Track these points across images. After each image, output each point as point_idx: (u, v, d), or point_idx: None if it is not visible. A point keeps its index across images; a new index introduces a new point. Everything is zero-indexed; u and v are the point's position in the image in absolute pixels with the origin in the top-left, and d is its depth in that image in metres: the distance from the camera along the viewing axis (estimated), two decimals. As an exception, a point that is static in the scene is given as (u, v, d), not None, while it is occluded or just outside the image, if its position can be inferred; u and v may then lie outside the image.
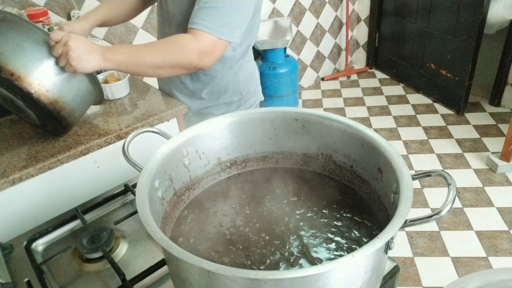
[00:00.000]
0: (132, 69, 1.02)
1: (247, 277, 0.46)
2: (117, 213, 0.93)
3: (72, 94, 1.03)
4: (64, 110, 1.03)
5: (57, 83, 0.99)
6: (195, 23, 1.02)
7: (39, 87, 0.96)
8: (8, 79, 0.92)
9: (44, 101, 0.98)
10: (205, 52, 1.04)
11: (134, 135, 0.74)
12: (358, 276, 0.53)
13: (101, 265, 0.79)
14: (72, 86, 1.02)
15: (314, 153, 0.82)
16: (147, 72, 1.05)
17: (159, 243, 0.51)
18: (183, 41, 1.02)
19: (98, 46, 0.99)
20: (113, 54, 0.98)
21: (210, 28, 1.01)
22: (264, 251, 0.66)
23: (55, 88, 0.98)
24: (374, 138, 0.69)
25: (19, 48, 0.93)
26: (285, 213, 0.74)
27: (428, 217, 0.53)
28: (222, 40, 1.04)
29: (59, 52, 0.94)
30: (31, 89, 0.95)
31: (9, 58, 0.92)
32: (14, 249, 0.85)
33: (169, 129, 1.28)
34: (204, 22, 1.01)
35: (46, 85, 0.97)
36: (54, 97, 0.99)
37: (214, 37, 1.02)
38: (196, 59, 1.03)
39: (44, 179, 1.07)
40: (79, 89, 1.05)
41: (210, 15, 1.01)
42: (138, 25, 2.33)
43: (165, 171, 0.69)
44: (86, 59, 0.95)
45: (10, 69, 0.92)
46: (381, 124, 2.92)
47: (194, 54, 1.03)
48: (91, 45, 0.97)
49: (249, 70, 1.31)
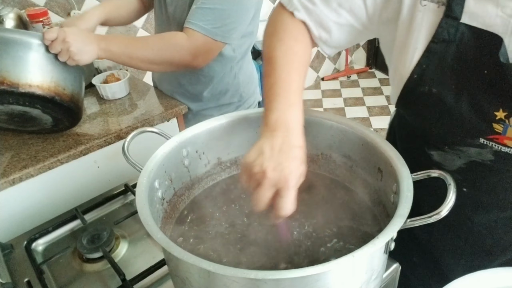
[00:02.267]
0: (124, 60, 1.03)
1: (247, 277, 0.46)
2: (117, 213, 0.93)
3: (77, 84, 1.05)
4: (79, 101, 1.06)
5: (66, 78, 1.00)
6: (190, 22, 1.02)
7: (57, 88, 0.97)
8: (27, 92, 0.92)
9: (66, 100, 1.00)
10: (198, 53, 1.04)
11: (134, 135, 0.74)
12: (358, 276, 0.53)
13: (101, 265, 0.79)
14: (75, 75, 1.04)
15: (314, 153, 0.82)
16: (139, 65, 1.05)
17: (159, 243, 0.51)
18: (176, 39, 1.02)
19: (93, 36, 0.99)
20: (107, 44, 0.99)
21: (204, 29, 1.01)
22: (264, 251, 0.66)
23: (67, 83, 1.00)
24: (374, 138, 0.69)
25: (20, 60, 0.92)
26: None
27: (428, 217, 0.53)
28: (217, 41, 1.04)
29: (58, 49, 0.94)
30: (51, 93, 0.96)
31: (18, 73, 0.91)
32: (14, 249, 0.85)
33: (169, 129, 1.28)
34: (199, 23, 1.01)
35: (61, 84, 0.99)
36: (70, 92, 1.01)
37: (208, 38, 1.02)
38: (188, 58, 1.03)
39: (44, 179, 1.07)
40: (78, 75, 1.06)
41: (206, 16, 1.01)
42: (138, 25, 2.33)
43: (165, 171, 0.69)
44: (86, 50, 0.96)
45: (25, 82, 0.92)
46: (381, 124, 2.92)
47: (187, 54, 1.02)
48: (87, 35, 0.98)
49: (248, 72, 1.31)
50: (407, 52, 0.60)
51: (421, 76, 0.59)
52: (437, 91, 0.59)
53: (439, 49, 0.57)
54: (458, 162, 0.66)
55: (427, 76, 0.59)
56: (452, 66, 0.57)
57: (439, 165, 0.68)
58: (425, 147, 0.69)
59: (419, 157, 0.70)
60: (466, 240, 0.74)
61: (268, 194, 0.52)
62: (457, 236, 0.75)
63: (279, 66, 0.63)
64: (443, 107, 0.59)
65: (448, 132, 0.62)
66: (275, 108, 0.58)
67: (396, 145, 0.80)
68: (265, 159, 0.53)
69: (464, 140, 0.61)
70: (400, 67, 0.62)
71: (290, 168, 0.53)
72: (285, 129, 0.56)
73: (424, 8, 0.57)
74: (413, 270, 0.82)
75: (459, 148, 0.63)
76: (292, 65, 0.64)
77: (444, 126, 0.62)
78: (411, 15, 0.59)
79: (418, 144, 0.71)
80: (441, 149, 0.67)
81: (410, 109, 0.67)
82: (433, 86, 0.59)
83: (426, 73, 0.59)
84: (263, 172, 0.52)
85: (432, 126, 0.63)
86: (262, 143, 0.55)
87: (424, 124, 0.66)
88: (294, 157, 0.54)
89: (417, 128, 0.70)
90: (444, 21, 0.55)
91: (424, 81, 0.59)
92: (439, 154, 0.67)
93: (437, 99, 0.59)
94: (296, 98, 0.60)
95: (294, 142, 0.56)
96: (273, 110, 0.58)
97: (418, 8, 0.57)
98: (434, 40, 0.57)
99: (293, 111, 0.58)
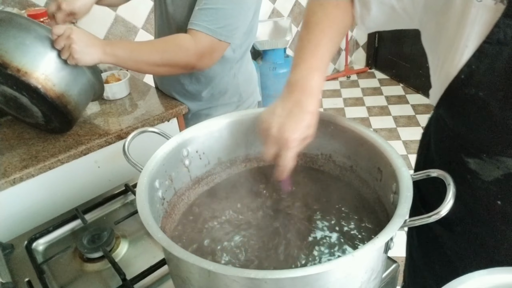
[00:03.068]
0: (130, 65, 1.03)
1: (247, 276, 0.46)
2: (117, 213, 0.93)
3: (77, 88, 1.04)
4: (70, 104, 1.04)
5: (63, 77, 1.00)
6: (194, 24, 1.02)
7: (46, 82, 0.97)
8: (14, 75, 0.93)
9: (52, 95, 0.99)
10: (204, 53, 1.04)
11: (134, 135, 0.74)
12: (357, 276, 0.53)
13: (101, 265, 0.79)
14: (77, 80, 1.04)
15: (314, 153, 0.82)
16: (145, 69, 1.06)
17: (159, 243, 0.51)
18: (181, 41, 1.03)
19: (99, 40, 0.99)
20: (112, 48, 0.99)
21: (209, 30, 1.01)
22: (264, 251, 0.66)
23: (61, 82, 1.00)
24: (374, 138, 0.69)
25: (22, 45, 0.94)
26: (285, 212, 0.74)
27: (427, 217, 0.53)
28: (222, 41, 1.04)
29: (62, 45, 0.95)
30: (38, 84, 0.96)
31: (13, 55, 0.93)
32: (14, 248, 0.85)
33: (169, 129, 1.28)
34: (203, 23, 1.01)
35: (52, 79, 0.98)
36: (61, 91, 1.00)
37: (213, 39, 1.02)
38: (194, 60, 1.03)
39: (44, 179, 1.07)
40: (83, 83, 1.06)
41: (210, 16, 1.01)
42: (139, 25, 2.33)
43: (165, 171, 0.69)
44: (88, 52, 0.96)
45: (15, 65, 0.93)
46: (381, 124, 2.93)
47: (192, 55, 1.03)
48: (93, 38, 0.98)
49: (248, 71, 1.31)
50: (456, 49, 0.56)
51: (469, 77, 0.55)
52: (484, 95, 0.55)
53: (492, 51, 0.52)
54: (495, 173, 0.62)
55: (475, 78, 0.55)
56: (505, 71, 0.52)
57: (475, 174, 0.64)
58: (462, 154, 0.65)
59: (453, 163, 0.66)
60: (493, 254, 0.70)
61: (271, 150, 0.58)
62: (483, 248, 0.71)
63: (313, 30, 0.65)
64: (487, 113, 0.56)
65: (489, 140, 0.59)
66: (298, 71, 0.61)
67: (430, 149, 0.77)
68: (274, 118, 0.58)
69: (506, 150, 0.58)
70: (447, 65, 0.58)
71: (293, 130, 0.57)
72: (301, 92, 0.59)
73: (480, 4, 0.51)
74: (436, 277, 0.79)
75: (498, 158, 0.60)
76: (326, 30, 0.64)
77: (485, 133, 0.58)
78: (463, 10, 0.53)
79: (454, 150, 0.67)
80: (479, 157, 0.63)
81: (451, 111, 0.63)
82: (480, 90, 0.55)
83: (475, 75, 0.55)
84: (269, 129, 0.57)
85: (473, 132, 0.60)
86: (278, 102, 0.59)
87: (465, 129, 0.62)
88: (301, 120, 0.57)
89: (456, 132, 0.66)
90: (502, 21, 0.50)
91: (472, 83, 0.55)
92: (476, 162, 0.63)
93: (482, 104, 0.55)
94: (320, 63, 0.62)
95: (307, 106, 0.58)
96: (296, 72, 0.61)
97: (472, 4, 0.52)
98: (488, 41, 0.52)
99: (314, 76, 0.60)
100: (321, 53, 0.63)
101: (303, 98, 0.59)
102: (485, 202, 0.65)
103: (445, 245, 0.76)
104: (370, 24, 0.68)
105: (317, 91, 0.60)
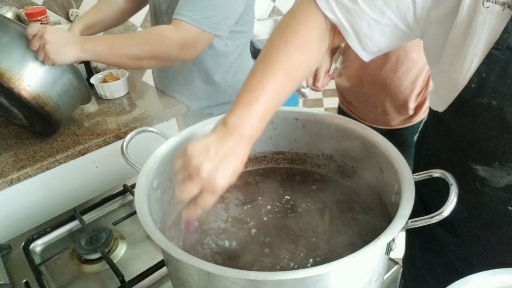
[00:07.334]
0: (111, 60, 1.00)
1: (247, 278, 0.46)
2: (115, 214, 0.93)
3: (55, 89, 1.02)
4: (48, 105, 1.02)
5: (38, 77, 0.98)
6: (178, 13, 1.00)
7: (19, 82, 0.95)
8: None
9: (26, 96, 0.97)
10: (187, 44, 1.01)
11: (133, 135, 0.73)
12: (359, 277, 0.53)
13: (99, 266, 0.79)
14: (55, 80, 1.01)
15: (315, 153, 0.81)
16: (127, 63, 1.02)
17: (158, 244, 0.51)
18: (164, 31, 1.00)
19: (75, 37, 0.97)
20: (91, 44, 0.96)
21: (193, 19, 0.99)
22: (263, 252, 0.66)
23: (36, 82, 0.97)
24: (375, 138, 0.69)
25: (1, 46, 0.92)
26: (286, 213, 0.73)
27: (430, 218, 0.52)
28: (206, 32, 1.02)
29: (37, 46, 0.93)
30: (11, 84, 0.94)
31: None
32: (12, 249, 0.84)
33: (168, 128, 1.27)
34: (187, 13, 0.99)
35: (26, 80, 0.96)
36: (36, 92, 0.98)
37: (197, 29, 1.00)
38: (176, 50, 1.01)
39: (42, 179, 1.07)
40: (62, 84, 1.03)
41: (195, 6, 0.99)
42: (137, 24, 2.32)
43: (164, 171, 0.69)
44: (63, 51, 0.94)
45: None
46: (381, 123, 2.92)
47: (175, 45, 1.00)
48: (68, 36, 0.96)
49: (248, 70, 1.30)
50: (464, 58, 0.54)
51: (480, 86, 0.54)
52: (498, 104, 0.53)
53: (502, 57, 0.51)
54: (506, 180, 0.60)
55: (487, 87, 0.53)
56: None
57: (483, 181, 0.62)
58: (469, 161, 0.63)
59: (458, 170, 0.63)
60: (503, 262, 0.68)
61: (194, 190, 0.54)
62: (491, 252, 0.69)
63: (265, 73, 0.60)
64: (501, 120, 0.54)
65: (503, 148, 0.57)
66: (238, 113, 0.57)
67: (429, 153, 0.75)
68: (207, 158, 0.53)
69: None
70: (454, 73, 0.56)
71: (225, 177, 0.54)
72: (238, 137, 0.55)
73: (487, 10, 0.50)
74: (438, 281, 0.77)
75: (510, 166, 0.58)
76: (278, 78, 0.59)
77: (499, 142, 0.57)
78: (470, 17, 0.52)
79: (459, 157, 0.65)
80: (489, 165, 0.61)
81: (461, 120, 0.61)
82: (493, 99, 0.53)
83: (486, 83, 0.53)
84: (199, 170, 0.53)
85: (486, 140, 0.58)
86: (212, 140, 0.55)
87: (475, 137, 0.60)
88: (234, 168, 0.55)
89: (463, 140, 0.63)
90: (510, 26, 0.49)
91: (483, 92, 0.54)
92: (485, 170, 0.61)
93: (496, 112, 0.54)
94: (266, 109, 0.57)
95: (242, 155, 0.56)
96: (235, 114, 0.57)
97: (479, 10, 0.51)
98: (496, 47, 0.51)
99: (254, 122, 0.56)
100: (267, 99, 0.57)
101: (239, 147, 0.55)
102: (493, 207, 0.63)
103: (447, 248, 0.75)
104: (373, 49, 0.63)
105: (253, 139, 0.57)
